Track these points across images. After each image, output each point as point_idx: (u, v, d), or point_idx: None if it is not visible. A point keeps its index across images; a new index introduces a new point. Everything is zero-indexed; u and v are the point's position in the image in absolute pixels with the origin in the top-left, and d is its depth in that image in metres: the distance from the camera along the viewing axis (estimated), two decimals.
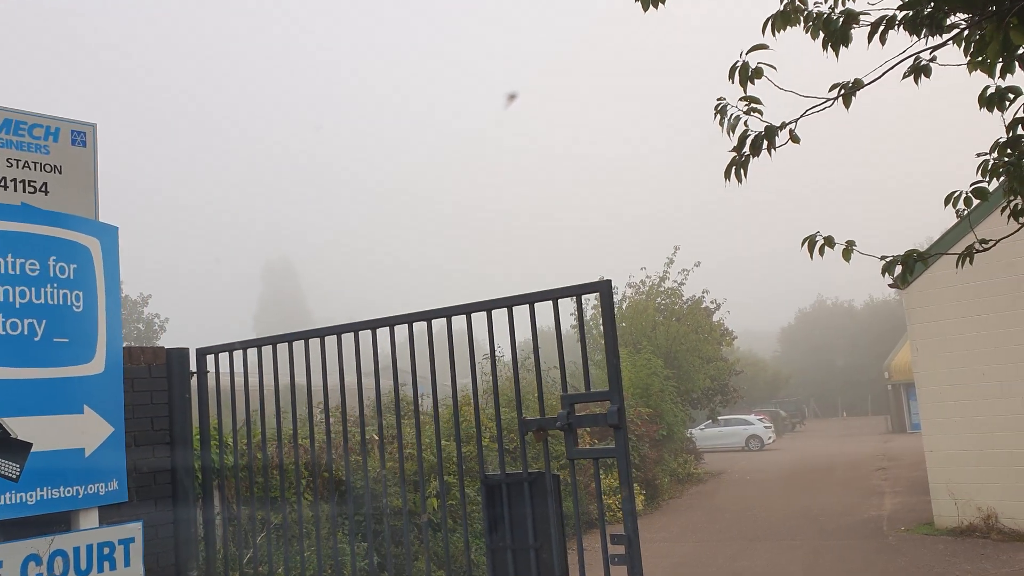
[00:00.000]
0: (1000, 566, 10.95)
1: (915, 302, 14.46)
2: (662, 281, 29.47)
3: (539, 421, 4.72)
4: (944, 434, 13.85)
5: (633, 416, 20.80)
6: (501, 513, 4.83)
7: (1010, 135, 5.82)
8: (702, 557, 12.96)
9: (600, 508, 4.61)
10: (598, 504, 4.63)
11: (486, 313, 4.87)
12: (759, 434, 40.44)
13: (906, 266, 5.94)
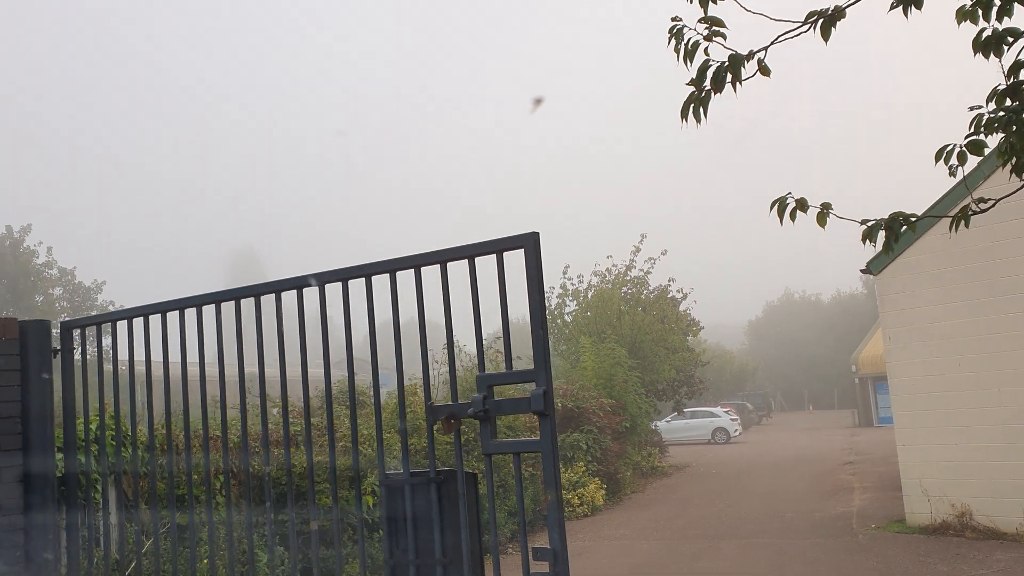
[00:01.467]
0: (976, 566, 10.27)
1: (888, 289, 13.77)
2: (628, 270, 28.74)
3: (449, 408, 3.84)
4: (917, 427, 13.17)
5: (596, 407, 20.02)
6: (404, 521, 3.94)
7: (1010, 82, 5.03)
8: (663, 556, 12.18)
9: (521, 517, 3.75)
10: (519, 510, 3.75)
11: (389, 276, 3.96)
12: (725, 427, 39.94)
13: (891, 231, 5.13)
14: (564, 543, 3.61)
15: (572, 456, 18.36)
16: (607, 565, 11.81)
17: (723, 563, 11.44)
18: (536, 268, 3.64)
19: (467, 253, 3.78)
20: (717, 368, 62.35)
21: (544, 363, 3.62)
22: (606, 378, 22.39)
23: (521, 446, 3.95)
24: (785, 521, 14.74)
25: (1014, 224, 12.28)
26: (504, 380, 3.78)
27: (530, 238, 3.65)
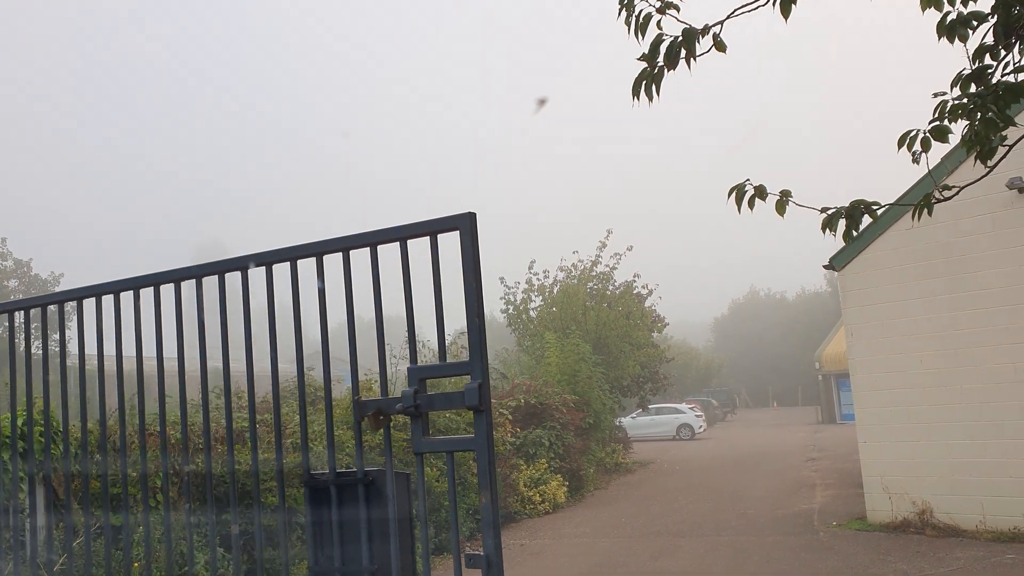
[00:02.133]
0: (937, 565, 10.18)
1: (850, 285, 13.68)
2: (594, 265, 28.55)
3: (377, 403, 3.54)
4: (878, 424, 13.10)
5: (559, 403, 19.81)
6: (329, 525, 3.65)
7: (975, 66, 4.85)
8: (622, 555, 11.98)
9: (454, 521, 3.47)
10: (451, 514, 3.48)
11: (315, 260, 3.67)
12: (690, 423, 39.99)
13: (851, 219, 4.95)
14: (499, 549, 3.34)
15: (534, 453, 18.12)
16: (565, 564, 11.59)
17: (682, 561, 11.26)
18: (472, 251, 3.36)
19: (399, 235, 3.50)
20: (683, 365, 62.54)
21: (480, 355, 3.34)
22: (570, 374, 22.20)
23: (454, 444, 3.66)
24: (747, 518, 14.62)
25: (977, 220, 12.23)
26: (437, 373, 3.50)
27: (466, 219, 3.37)
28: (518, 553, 12.61)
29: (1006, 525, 11.62)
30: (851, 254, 13.61)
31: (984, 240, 12.19)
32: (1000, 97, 4.72)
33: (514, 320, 28.05)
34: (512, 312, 28.01)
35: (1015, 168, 11.81)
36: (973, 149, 5.02)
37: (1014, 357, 11.80)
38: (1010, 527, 11.55)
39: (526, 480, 16.89)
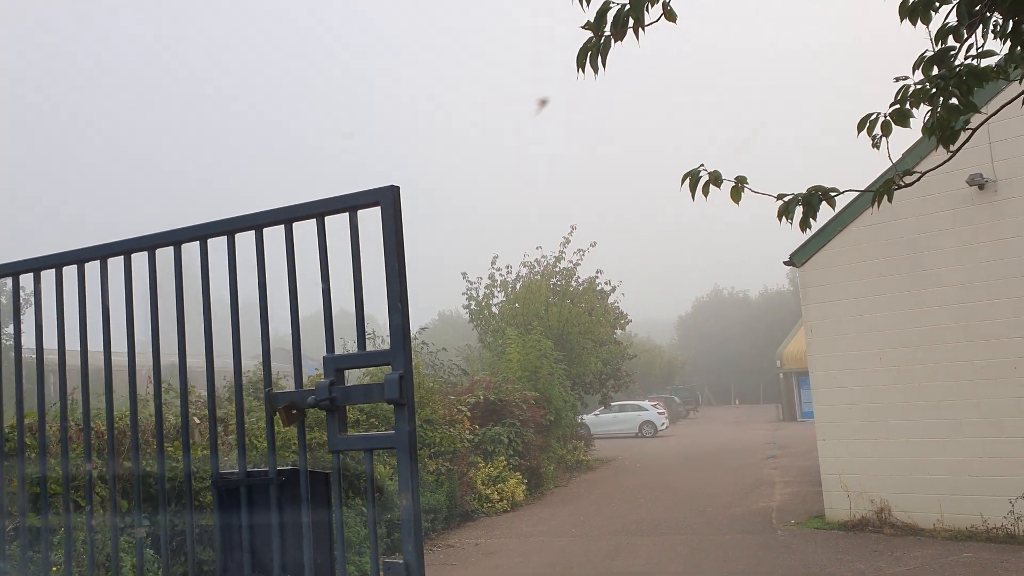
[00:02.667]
0: (894, 564, 10.06)
1: (810, 281, 13.56)
2: (557, 261, 28.29)
3: (289, 395, 3.23)
4: (837, 422, 13.00)
5: (519, 400, 19.54)
6: (239, 530, 3.33)
7: (938, 47, 4.65)
8: (579, 554, 11.74)
9: (372, 530, 3.17)
10: (369, 519, 3.18)
11: (227, 239, 3.35)
12: (652, 420, 39.95)
13: (809, 206, 4.73)
14: (420, 556, 3.04)
15: (493, 450, 17.84)
16: (518, 564, 11.32)
17: (638, 560, 11.05)
18: (395, 228, 3.06)
19: (315, 211, 3.18)
20: (646, 362, 62.64)
21: (402, 342, 3.04)
22: (531, 370, 21.93)
23: (373, 441, 3.34)
24: (705, 516, 14.47)
25: (938, 216, 12.16)
26: (355, 363, 3.19)
27: (388, 192, 3.06)
28: (472, 553, 12.31)
29: (963, 524, 11.55)
30: (812, 250, 13.50)
31: (944, 237, 12.11)
32: (963, 82, 4.52)
33: (476, 316, 27.73)
34: (474, 308, 27.69)
35: (976, 164, 11.74)
36: (935, 135, 4.83)
37: (972, 355, 11.73)
38: (967, 525, 11.49)
39: (484, 478, 16.60)
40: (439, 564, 11.61)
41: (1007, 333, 11.43)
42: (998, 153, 11.62)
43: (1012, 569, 9.48)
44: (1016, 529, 11.03)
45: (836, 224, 13.21)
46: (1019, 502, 11.08)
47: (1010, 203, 11.53)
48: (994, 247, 11.64)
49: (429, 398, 15.50)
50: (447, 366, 24.06)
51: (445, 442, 15.16)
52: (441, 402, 16.62)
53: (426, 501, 13.42)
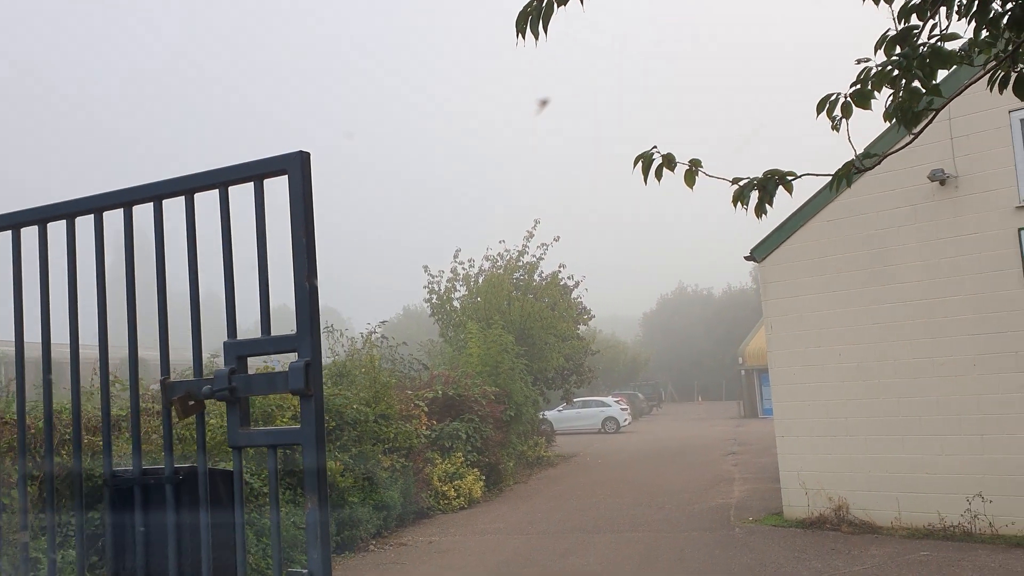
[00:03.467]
0: (851, 563, 9.93)
1: (771, 277, 13.43)
2: (521, 255, 28.02)
3: (186, 385, 2.90)
4: (796, 418, 12.88)
5: (478, 395, 19.24)
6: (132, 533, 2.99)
7: (901, 26, 4.44)
8: (533, 552, 11.48)
9: (275, 535, 2.84)
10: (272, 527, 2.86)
11: (123, 211, 3.01)
12: (615, 416, 39.88)
13: (764, 191, 4.50)
14: (327, 564, 2.72)
15: (451, 446, 17.53)
16: (471, 563, 11.04)
17: (592, 559, 10.81)
18: (304, 199, 2.73)
19: (217, 180, 2.86)
20: (610, 358, 62.70)
21: (310, 326, 2.72)
22: (492, 365, 21.64)
23: (277, 437, 3.02)
24: (663, 513, 14.30)
25: (899, 212, 12.06)
26: (257, 349, 2.86)
27: (295, 159, 2.74)
28: (425, 551, 12.00)
29: (921, 521, 11.48)
30: (772, 246, 13.36)
31: (905, 233, 12.02)
32: (927, 64, 4.31)
33: (438, 310, 27.37)
34: (436, 301, 27.33)
35: (937, 159, 11.66)
36: (896, 119, 4.62)
37: (932, 352, 11.66)
38: (925, 523, 11.42)
39: (441, 474, 16.28)
40: (390, 563, 11.29)
41: (967, 330, 11.36)
42: (959, 148, 11.54)
43: (969, 567, 9.38)
44: (973, 527, 10.97)
45: (797, 219, 13.08)
46: (976, 500, 11.02)
47: (971, 199, 11.46)
48: (954, 243, 11.57)
49: (385, 393, 15.14)
50: (407, 360, 23.71)
51: (401, 438, 14.83)
52: (398, 397, 16.28)
53: (379, 498, 13.08)
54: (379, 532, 13.11)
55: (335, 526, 11.80)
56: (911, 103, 4.48)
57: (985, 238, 11.30)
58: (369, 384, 15.12)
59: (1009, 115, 11.20)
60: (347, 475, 12.58)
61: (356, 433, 13.40)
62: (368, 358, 15.85)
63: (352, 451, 13.13)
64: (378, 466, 13.60)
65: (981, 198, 11.38)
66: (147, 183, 3.10)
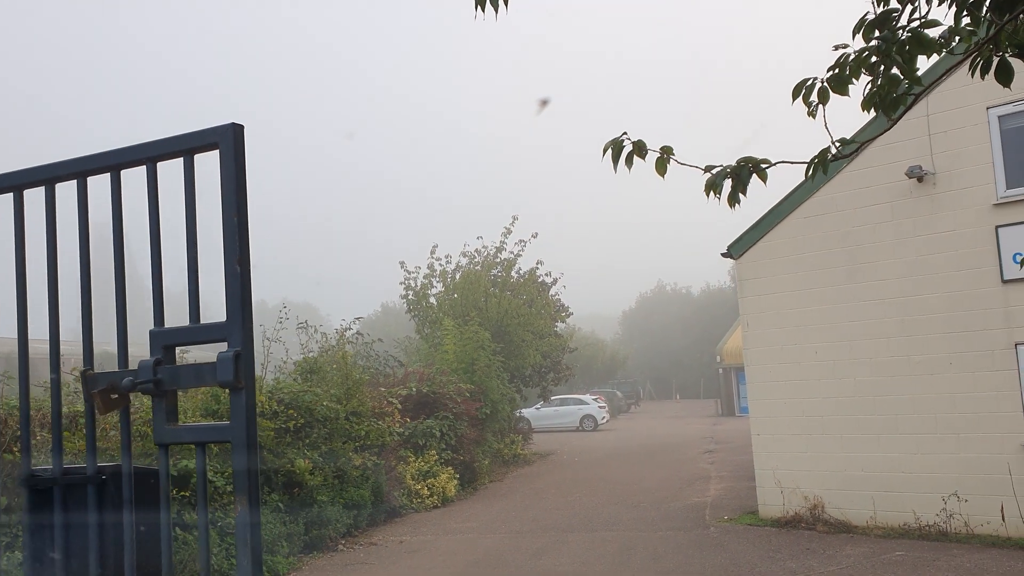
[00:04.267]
0: (826, 563, 9.81)
1: (747, 273, 13.30)
2: (499, 252, 27.79)
3: (108, 376, 2.67)
4: (772, 416, 12.76)
5: (453, 393, 19.02)
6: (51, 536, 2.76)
7: (880, 10, 4.28)
8: (505, 552, 11.29)
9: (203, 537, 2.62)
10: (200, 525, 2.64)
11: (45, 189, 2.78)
12: (593, 414, 39.80)
13: (738, 179, 4.33)
14: (258, 571, 2.51)
15: (424, 444, 17.30)
16: (440, 563, 10.82)
17: (565, 559, 10.63)
18: (236, 175, 2.51)
19: (144, 155, 2.63)
20: (589, 356, 62.63)
21: (241, 313, 2.50)
22: (468, 362, 21.43)
23: (206, 434, 2.80)
24: (638, 511, 14.15)
25: (876, 209, 11.96)
26: (185, 338, 2.64)
27: (228, 132, 2.51)
28: (394, 551, 11.77)
29: (896, 521, 11.39)
30: (749, 242, 13.23)
31: (882, 230, 11.92)
32: (906, 50, 4.14)
33: (414, 306, 27.11)
34: (412, 298, 27.06)
35: (915, 156, 11.57)
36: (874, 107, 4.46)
37: (909, 350, 11.57)
38: (900, 523, 11.33)
39: (414, 473, 16.05)
40: (358, 563, 11.06)
41: (944, 328, 11.28)
42: (937, 145, 11.45)
43: (944, 568, 9.28)
44: (948, 527, 10.89)
45: (774, 216, 12.97)
46: (952, 500, 10.94)
47: (948, 196, 11.37)
48: (932, 241, 11.48)
49: (357, 390, 14.89)
50: (383, 357, 23.45)
51: (373, 435, 14.59)
52: (371, 394, 16.04)
53: (349, 497, 12.84)
54: (349, 531, 12.87)
55: (303, 525, 11.55)
56: (890, 89, 4.32)
57: (962, 235, 11.22)
58: (341, 381, 14.87)
59: (987, 111, 11.12)
60: (317, 473, 12.32)
61: (326, 430, 13.15)
62: (340, 354, 15.59)
63: (322, 449, 12.88)
64: (349, 464, 13.35)
65: (958, 195, 11.30)
66: (70, 159, 2.87)
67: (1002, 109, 11.02)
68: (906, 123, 11.72)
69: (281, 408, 12.22)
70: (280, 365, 14.61)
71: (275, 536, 10.64)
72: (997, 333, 10.87)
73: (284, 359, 14.53)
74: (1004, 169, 11.01)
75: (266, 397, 12.07)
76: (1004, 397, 10.77)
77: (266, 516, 10.77)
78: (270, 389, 12.71)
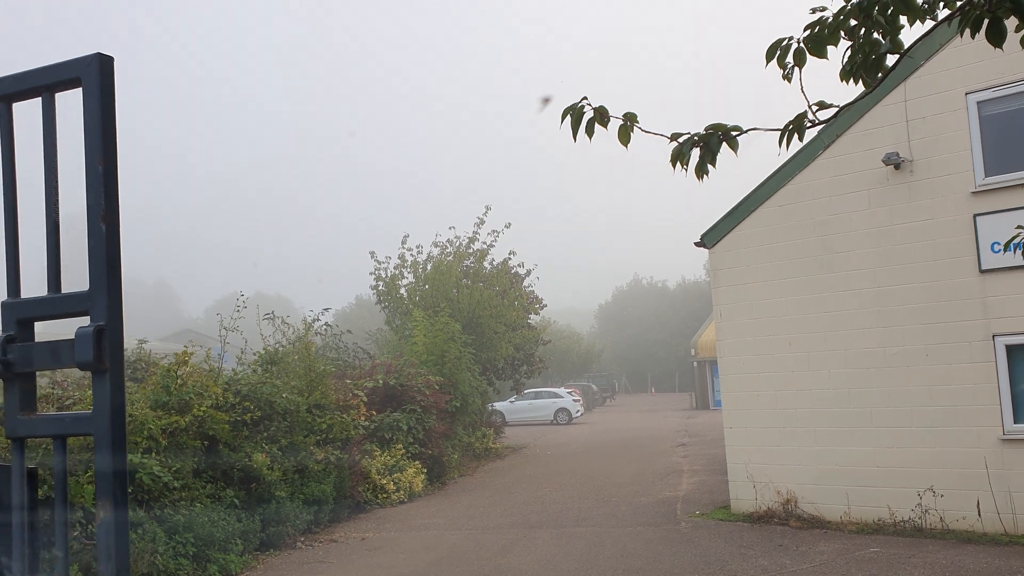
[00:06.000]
0: (799, 560, 9.51)
1: (721, 263, 12.99)
2: (471, 242, 27.34)
3: None
4: (745, 409, 12.47)
5: (422, 385, 18.60)
6: None
7: None
8: (469, 549, 10.90)
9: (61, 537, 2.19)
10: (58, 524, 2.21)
11: None
12: (568, 407, 39.50)
13: (707, 148, 3.96)
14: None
15: (391, 438, 16.88)
16: (403, 561, 10.42)
17: (531, 556, 10.27)
18: (100, 115, 2.08)
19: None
20: (564, 349, 62.40)
21: (107, 280, 2.08)
22: (438, 354, 21.00)
23: (65, 425, 2.38)
24: (609, 507, 13.82)
25: (852, 197, 11.68)
26: (42, 311, 2.22)
27: (92, 64, 2.09)
28: (355, 548, 11.36)
29: (871, 516, 11.14)
30: (722, 231, 12.92)
31: (858, 218, 11.64)
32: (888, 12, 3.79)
33: (384, 297, 26.61)
34: (382, 289, 26.56)
35: (892, 143, 11.29)
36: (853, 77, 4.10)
37: (884, 341, 11.30)
38: (875, 518, 11.08)
39: (380, 467, 15.63)
40: (316, 562, 10.63)
41: (920, 319, 11.02)
42: (915, 132, 11.18)
43: (920, 564, 9.01)
44: (924, 522, 10.65)
45: (748, 204, 12.66)
46: (927, 495, 10.70)
47: (926, 184, 11.10)
48: (908, 230, 11.21)
49: (320, 382, 14.45)
50: (352, 349, 22.99)
51: (336, 428, 14.16)
52: (335, 386, 15.59)
53: (310, 492, 12.40)
54: (310, 528, 12.45)
55: (259, 522, 11.11)
56: (870, 51, 3.96)
57: (940, 224, 10.95)
58: (304, 372, 14.42)
59: (966, 97, 10.85)
60: (276, 468, 11.88)
61: (287, 423, 12.69)
62: (304, 344, 15.12)
63: (282, 443, 12.43)
64: (310, 458, 12.91)
65: (936, 183, 11.03)
66: None
67: (981, 95, 10.76)
68: (884, 109, 11.46)
69: (237, 400, 11.75)
70: (239, 356, 14.11)
71: (229, 534, 10.19)
72: (974, 324, 10.61)
73: (243, 350, 14.03)
74: (983, 156, 10.74)
75: (222, 388, 11.59)
76: (981, 390, 10.53)
77: (220, 513, 10.32)
78: (227, 380, 12.23)
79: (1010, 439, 10.29)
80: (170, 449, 10.14)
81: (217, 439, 11.13)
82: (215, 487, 10.77)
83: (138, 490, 9.19)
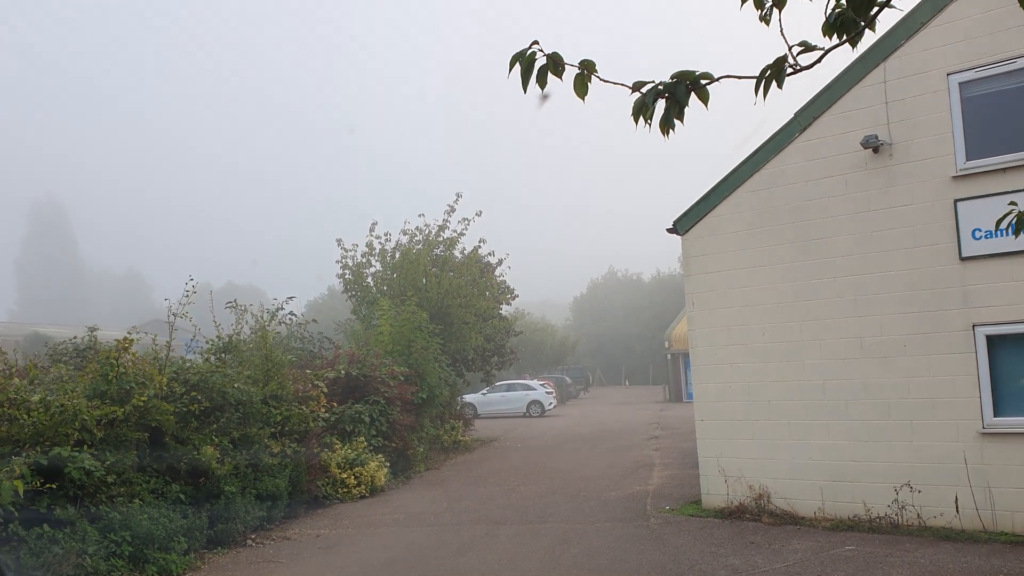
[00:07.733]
0: (771, 559, 9.07)
1: (694, 250, 12.52)
2: (441, 230, 26.71)
3: None
4: (717, 401, 12.03)
5: (386, 376, 18.02)
6: None
7: None
8: (428, 548, 10.37)
9: None
10: None
11: None
12: (540, 400, 39.09)
13: (672, 99, 3.45)
14: None
15: (353, 430, 16.31)
16: (357, 560, 9.87)
17: (492, 555, 9.75)
18: None
19: None
20: (538, 341, 62.02)
21: None
22: (404, 344, 20.41)
23: None
24: (577, 502, 13.35)
25: (829, 181, 11.25)
26: None
27: None
28: (308, 546, 10.80)
29: (846, 512, 10.74)
30: (695, 217, 12.46)
31: (835, 204, 11.20)
32: None
33: (352, 286, 25.94)
34: (349, 277, 25.88)
35: (871, 125, 10.86)
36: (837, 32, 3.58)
37: (860, 331, 10.89)
38: (850, 514, 10.68)
39: (340, 460, 15.04)
40: (265, 561, 10.05)
41: (898, 309, 10.61)
42: (894, 114, 10.75)
43: (896, 563, 8.60)
44: (900, 519, 10.26)
45: (722, 189, 12.20)
46: (904, 490, 10.31)
47: (905, 168, 10.68)
48: (886, 216, 10.79)
49: (277, 371, 13.83)
50: (317, 339, 22.33)
51: (294, 420, 13.56)
52: (295, 376, 14.99)
53: (264, 487, 11.82)
54: (262, 524, 11.87)
55: (207, 519, 10.51)
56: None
57: (919, 210, 10.54)
58: (260, 361, 13.80)
59: (947, 78, 10.43)
60: (226, 461, 11.28)
61: (239, 415, 12.08)
62: (261, 333, 14.49)
63: (234, 435, 11.83)
64: (265, 451, 12.33)
65: (916, 167, 10.61)
66: None
67: (963, 76, 10.34)
68: (862, 90, 11.02)
69: (184, 390, 11.12)
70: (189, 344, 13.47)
71: (171, 531, 9.58)
72: (954, 314, 10.22)
73: (193, 336, 13.39)
74: (964, 139, 10.33)
75: (167, 377, 10.96)
76: (960, 382, 10.14)
77: (163, 509, 9.72)
78: (175, 369, 11.60)
79: (990, 433, 9.91)
80: (107, 442, 9.52)
81: (162, 431, 10.51)
82: (159, 482, 10.17)
83: (68, 485, 8.56)
